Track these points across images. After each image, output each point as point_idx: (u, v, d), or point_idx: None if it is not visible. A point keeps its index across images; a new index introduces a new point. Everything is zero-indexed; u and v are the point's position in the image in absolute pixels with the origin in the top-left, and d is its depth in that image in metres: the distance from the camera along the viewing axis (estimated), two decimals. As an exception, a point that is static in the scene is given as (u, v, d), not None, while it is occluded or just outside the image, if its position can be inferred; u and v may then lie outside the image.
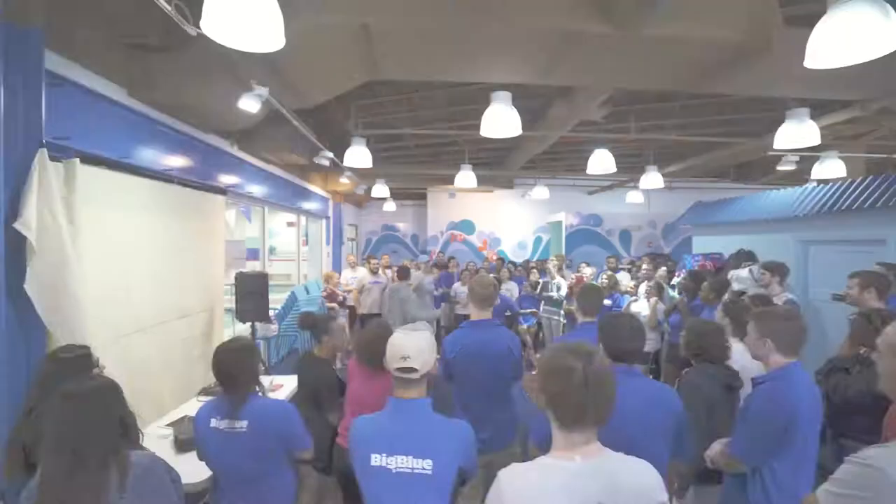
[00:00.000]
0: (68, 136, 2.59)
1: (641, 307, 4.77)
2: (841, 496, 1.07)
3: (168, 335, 3.78)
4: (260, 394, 1.79)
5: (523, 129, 6.00)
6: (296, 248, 8.82)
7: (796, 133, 3.99)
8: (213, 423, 1.71)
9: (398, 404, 1.42)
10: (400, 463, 1.31)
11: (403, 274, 5.39)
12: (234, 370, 1.71)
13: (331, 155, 5.36)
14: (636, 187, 8.02)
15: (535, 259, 9.05)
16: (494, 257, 9.45)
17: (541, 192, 8.34)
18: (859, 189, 3.78)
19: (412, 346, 1.41)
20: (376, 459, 1.34)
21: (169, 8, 2.27)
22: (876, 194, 3.57)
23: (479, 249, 10.27)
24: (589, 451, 1.05)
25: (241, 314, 4.54)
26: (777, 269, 3.80)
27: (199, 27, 2.06)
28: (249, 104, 3.15)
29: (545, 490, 0.98)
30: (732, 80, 3.52)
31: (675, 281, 5.40)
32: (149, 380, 3.53)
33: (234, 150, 4.85)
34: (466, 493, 1.93)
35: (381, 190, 8.06)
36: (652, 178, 6.68)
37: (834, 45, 2.28)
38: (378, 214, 11.83)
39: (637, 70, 3.40)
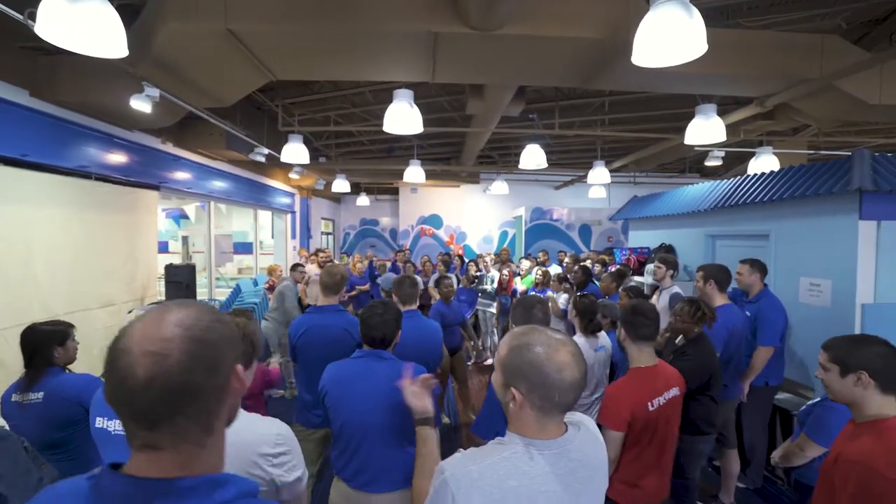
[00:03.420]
0: (-47, 136, 2.80)
1: (563, 300, 4.89)
2: None
3: (86, 323, 4.01)
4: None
5: (458, 124, 6.16)
6: (283, 242, 9.08)
7: (704, 129, 4.07)
8: (14, 397, 1.90)
9: None
10: (118, 426, 1.49)
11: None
12: (32, 347, 1.91)
13: (266, 151, 5.54)
14: (600, 183, 8.09)
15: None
16: (461, 251, 9.58)
17: (500, 186, 8.43)
18: (748, 185, 3.85)
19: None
20: (100, 422, 1.53)
21: (21, 16, 2.46)
22: (760, 190, 3.63)
23: (446, 244, 10.40)
24: None
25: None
26: (670, 264, 3.90)
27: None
28: (141, 105, 3.33)
29: None
30: (617, 77, 3.60)
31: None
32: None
33: (168, 147, 5.05)
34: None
35: (341, 185, 8.22)
36: (599, 173, 6.75)
37: (652, 44, 2.34)
38: (357, 209, 12.03)
39: (516, 67, 3.50)
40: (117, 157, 4.27)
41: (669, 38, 2.25)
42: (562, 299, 4.35)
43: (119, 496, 0.58)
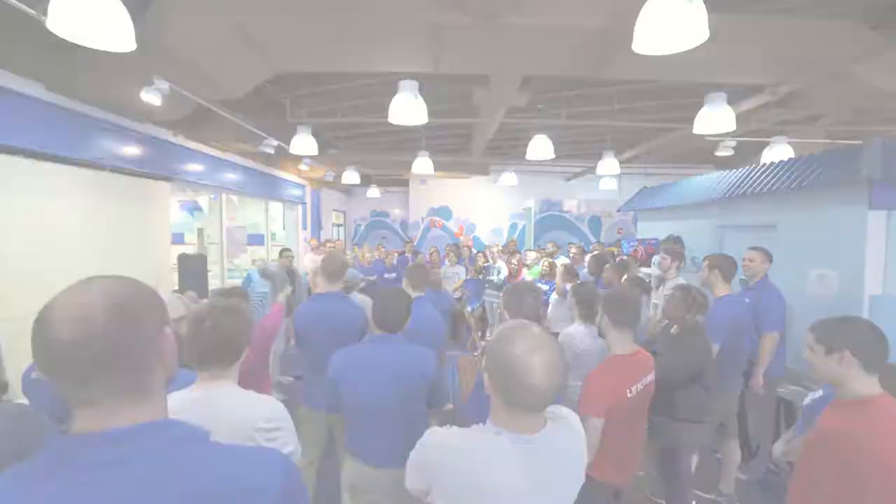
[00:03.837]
0: (-29, 129, 2.90)
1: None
2: None
3: (101, 310, 4.14)
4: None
5: (465, 114, 6.14)
6: (294, 234, 9.20)
7: (713, 118, 4.00)
8: (34, 374, 1.99)
9: None
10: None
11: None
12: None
13: (276, 143, 5.60)
14: (610, 174, 8.00)
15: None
16: (470, 243, 9.59)
17: (509, 178, 8.40)
18: (756, 175, 3.79)
19: None
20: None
21: (34, 11, 2.53)
22: (768, 180, 3.58)
23: (455, 235, 10.42)
24: (210, 385, 1.29)
25: (182, 292, 4.88)
26: (675, 254, 3.87)
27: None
28: (151, 98, 3.40)
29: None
30: (624, 65, 3.57)
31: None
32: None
33: (179, 139, 5.14)
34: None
35: (351, 176, 8.26)
36: (609, 164, 6.69)
37: (653, 32, 2.33)
38: (367, 201, 12.08)
39: (521, 57, 3.48)
40: (130, 149, 4.38)
41: (670, 25, 2.23)
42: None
43: (55, 450, 0.61)
